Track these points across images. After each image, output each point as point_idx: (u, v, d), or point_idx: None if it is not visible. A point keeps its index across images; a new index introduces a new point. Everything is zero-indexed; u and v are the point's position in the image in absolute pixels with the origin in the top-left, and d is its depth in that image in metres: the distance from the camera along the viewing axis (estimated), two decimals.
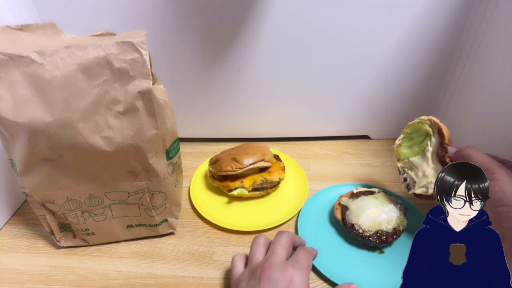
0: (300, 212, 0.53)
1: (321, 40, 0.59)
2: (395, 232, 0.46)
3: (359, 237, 0.46)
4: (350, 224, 0.47)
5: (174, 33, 0.58)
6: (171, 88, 0.46)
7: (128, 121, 0.40)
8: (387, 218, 0.47)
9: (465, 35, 0.58)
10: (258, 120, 0.70)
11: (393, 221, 0.47)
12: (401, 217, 0.48)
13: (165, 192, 0.47)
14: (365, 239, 0.46)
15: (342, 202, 0.51)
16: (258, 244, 0.40)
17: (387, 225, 0.47)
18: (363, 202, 0.50)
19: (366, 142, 0.73)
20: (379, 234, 0.46)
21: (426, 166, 0.47)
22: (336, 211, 0.50)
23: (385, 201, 0.50)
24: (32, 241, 0.51)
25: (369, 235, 0.46)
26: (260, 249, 0.40)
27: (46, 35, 0.39)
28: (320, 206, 0.55)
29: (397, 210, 0.49)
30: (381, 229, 0.46)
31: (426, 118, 0.47)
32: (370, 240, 0.46)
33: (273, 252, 0.38)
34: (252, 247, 0.41)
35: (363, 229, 0.46)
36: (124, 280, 0.45)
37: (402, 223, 0.48)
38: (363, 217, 0.47)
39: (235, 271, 0.39)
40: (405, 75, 0.63)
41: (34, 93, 0.36)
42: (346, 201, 0.51)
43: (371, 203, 0.49)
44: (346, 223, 0.48)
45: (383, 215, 0.48)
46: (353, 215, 0.48)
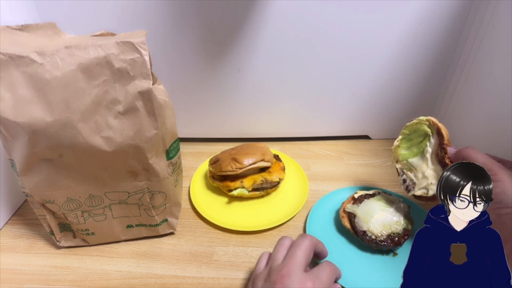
0: (306, 226, 0.51)
1: (321, 40, 0.59)
2: (406, 232, 0.46)
3: (373, 244, 0.45)
4: (361, 232, 0.46)
5: (174, 33, 0.58)
6: (171, 88, 0.46)
7: (128, 121, 0.40)
8: (396, 219, 0.47)
9: (465, 35, 0.58)
10: (258, 120, 0.70)
11: (402, 222, 0.47)
12: (408, 216, 0.48)
13: (165, 192, 0.47)
14: (379, 245, 0.45)
15: (348, 210, 0.49)
16: (282, 245, 0.38)
17: (397, 226, 0.46)
18: (368, 206, 0.49)
19: (366, 142, 0.73)
20: (392, 237, 0.45)
21: (425, 167, 0.46)
22: (343, 219, 0.49)
23: (388, 202, 0.49)
24: (32, 241, 0.51)
25: (383, 240, 0.45)
26: (282, 251, 0.38)
27: (46, 35, 0.39)
28: (325, 215, 0.53)
29: (401, 209, 0.48)
30: (393, 231, 0.46)
31: (424, 118, 0.46)
32: (385, 245, 0.45)
33: (292, 256, 0.36)
34: (276, 247, 0.39)
35: (375, 235, 0.45)
36: (124, 280, 0.45)
37: (409, 222, 0.47)
38: (373, 222, 0.46)
39: (257, 267, 0.38)
40: (405, 75, 0.63)
41: (34, 93, 0.36)
42: (351, 208, 0.49)
43: (377, 206, 0.48)
44: (357, 231, 0.46)
45: (391, 216, 0.47)
46: (362, 222, 0.46)
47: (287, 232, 0.52)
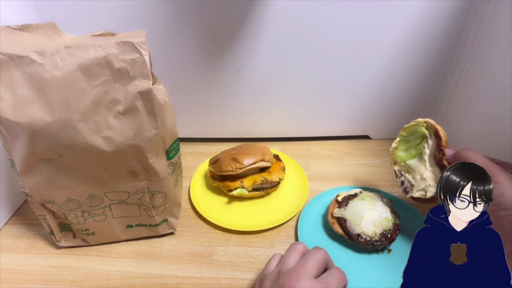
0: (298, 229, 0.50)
1: (321, 40, 0.59)
2: (396, 227, 0.46)
3: (369, 245, 0.45)
4: (356, 236, 0.46)
5: (174, 33, 0.58)
6: (171, 88, 0.46)
7: (128, 121, 0.40)
8: (385, 216, 0.47)
9: (465, 35, 0.58)
10: (258, 120, 0.70)
11: (390, 217, 0.47)
12: (393, 210, 0.48)
13: (165, 192, 0.47)
14: (375, 245, 0.45)
15: (336, 215, 0.49)
16: (295, 250, 0.38)
17: (387, 223, 0.46)
18: (355, 207, 0.48)
19: (366, 142, 0.73)
20: (385, 234, 0.45)
21: (423, 169, 0.46)
22: (334, 226, 0.48)
23: (372, 200, 0.49)
24: (32, 241, 0.51)
25: (378, 239, 0.45)
26: (295, 256, 0.37)
27: (46, 35, 0.39)
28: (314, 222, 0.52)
29: (386, 204, 0.49)
30: (385, 229, 0.46)
31: (422, 120, 0.46)
32: (380, 244, 0.45)
33: (304, 264, 0.35)
34: (288, 250, 0.38)
35: (370, 236, 0.45)
36: (124, 280, 0.45)
37: (396, 215, 0.48)
38: (364, 223, 0.46)
39: (267, 267, 0.38)
40: (405, 75, 0.63)
41: (34, 93, 0.36)
42: (339, 212, 0.48)
43: (363, 206, 0.48)
44: (351, 236, 0.46)
45: (379, 214, 0.47)
46: (354, 225, 0.46)
47: (287, 232, 0.52)
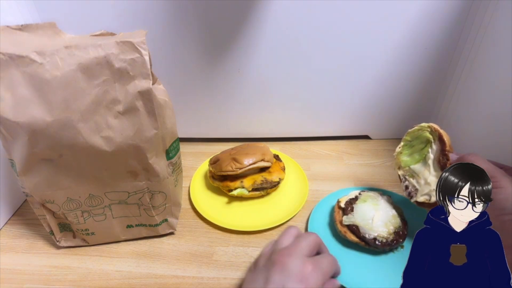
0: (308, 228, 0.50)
1: (321, 40, 0.59)
2: (404, 221, 0.46)
3: (387, 247, 0.45)
4: (372, 240, 0.45)
5: (174, 33, 0.58)
6: (171, 88, 0.46)
7: (128, 121, 0.40)
8: (391, 214, 0.47)
9: (465, 35, 0.58)
10: (258, 120, 0.70)
11: (396, 214, 0.47)
12: (396, 206, 0.48)
13: (165, 192, 0.47)
14: (392, 245, 0.44)
15: (346, 223, 0.47)
16: (289, 233, 0.38)
17: (395, 220, 0.46)
18: (362, 211, 0.48)
19: (366, 142, 0.73)
20: (397, 232, 0.45)
21: (428, 174, 0.46)
22: (347, 234, 0.47)
23: (374, 200, 0.49)
24: (32, 241, 0.51)
25: (393, 239, 0.45)
26: (288, 237, 0.38)
27: (46, 35, 0.39)
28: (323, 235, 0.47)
29: (387, 201, 0.49)
30: (395, 227, 0.46)
31: (426, 125, 0.46)
32: (396, 243, 0.44)
33: (297, 244, 0.36)
34: (282, 234, 0.39)
35: (385, 237, 0.45)
36: (124, 280, 0.45)
37: (399, 210, 0.48)
38: (375, 226, 0.45)
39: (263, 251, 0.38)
40: (405, 75, 0.63)
41: (34, 93, 0.36)
42: (348, 219, 0.47)
43: (369, 208, 0.48)
44: (367, 241, 0.45)
45: (386, 213, 0.47)
46: (367, 230, 0.45)
47: None
